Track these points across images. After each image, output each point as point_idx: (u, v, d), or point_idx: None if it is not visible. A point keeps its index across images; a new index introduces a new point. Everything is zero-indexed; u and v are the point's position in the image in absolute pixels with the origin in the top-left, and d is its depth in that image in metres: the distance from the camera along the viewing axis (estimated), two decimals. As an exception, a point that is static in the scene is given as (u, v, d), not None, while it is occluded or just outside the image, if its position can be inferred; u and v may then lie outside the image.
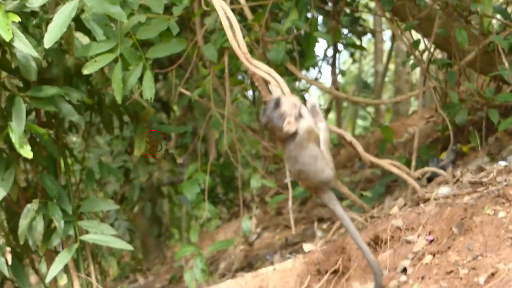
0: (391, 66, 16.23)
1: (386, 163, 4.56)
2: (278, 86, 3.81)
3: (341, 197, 5.25)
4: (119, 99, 4.15)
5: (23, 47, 3.70)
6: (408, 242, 3.91)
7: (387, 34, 15.40)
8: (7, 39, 3.60)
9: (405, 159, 5.87)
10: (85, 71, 4.14)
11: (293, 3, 5.62)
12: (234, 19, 3.87)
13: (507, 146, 5.34)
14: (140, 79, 4.33)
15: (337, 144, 9.23)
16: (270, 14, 5.75)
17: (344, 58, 17.92)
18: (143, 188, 9.84)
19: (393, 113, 13.80)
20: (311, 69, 8.37)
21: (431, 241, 3.79)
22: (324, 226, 5.87)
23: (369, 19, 15.28)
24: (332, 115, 14.49)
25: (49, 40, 3.73)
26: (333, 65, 7.31)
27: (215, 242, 5.51)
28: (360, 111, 16.71)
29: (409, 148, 6.96)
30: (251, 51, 5.51)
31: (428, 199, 4.29)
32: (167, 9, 4.89)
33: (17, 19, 3.68)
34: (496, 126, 5.14)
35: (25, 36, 3.80)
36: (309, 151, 3.48)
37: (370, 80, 18.84)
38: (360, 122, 19.57)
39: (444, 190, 4.35)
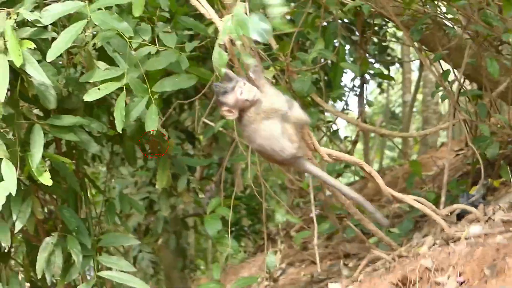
0: (419, 96, 16.08)
1: (410, 198, 4.37)
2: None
3: (368, 233, 5.12)
4: (119, 128, 3.99)
5: (35, 73, 3.62)
6: (438, 283, 3.74)
7: (415, 63, 15.28)
8: (18, 64, 3.52)
9: (434, 194, 5.70)
10: (87, 98, 4.01)
11: (320, 32, 5.54)
12: None
13: (540, 182, 5.17)
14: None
15: (364, 177, 9.07)
16: (296, 43, 5.66)
17: (371, 88, 17.79)
18: (168, 220, 9.73)
19: (421, 144, 13.62)
20: (338, 99, 8.24)
21: (462, 283, 3.63)
22: (351, 264, 5.71)
23: (397, 48, 15.18)
24: (359, 145, 14.36)
25: (51, 55, 3.64)
26: (360, 96, 7.19)
27: (239, 279, 5.35)
28: (388, 141, 16.56)
29: (438, 182, 6.78)
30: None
31: (459, 238, 4.13)
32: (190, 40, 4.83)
33: (32, 45, 3.62)
34: (528, 160, 4.98)
35: (44, 63, 3.74)
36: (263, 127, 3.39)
37: (398, 110, 18.69)
38: (388, 152, 19.40)
39: (475, 229, 4.18)
